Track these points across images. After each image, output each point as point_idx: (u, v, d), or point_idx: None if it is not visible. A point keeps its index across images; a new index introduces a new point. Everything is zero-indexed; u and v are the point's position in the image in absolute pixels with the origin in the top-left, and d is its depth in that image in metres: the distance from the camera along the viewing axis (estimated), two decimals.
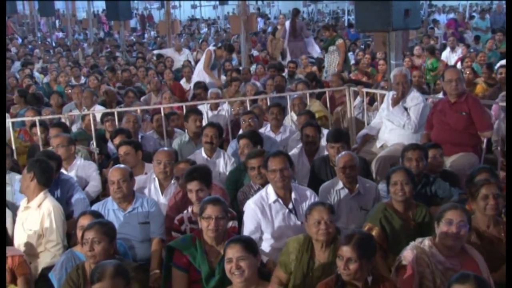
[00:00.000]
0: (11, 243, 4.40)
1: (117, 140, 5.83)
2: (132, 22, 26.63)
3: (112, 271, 3.09)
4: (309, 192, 4.37)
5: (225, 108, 7.77)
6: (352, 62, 12.29)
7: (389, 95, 6.15)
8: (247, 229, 4.22)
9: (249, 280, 3.25)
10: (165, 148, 5.29)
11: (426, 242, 3.52)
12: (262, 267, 3.75)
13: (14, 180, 5.12)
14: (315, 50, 12.85)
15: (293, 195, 4.28)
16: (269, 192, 4.27)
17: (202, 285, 3.64)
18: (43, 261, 4.31)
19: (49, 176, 4.53)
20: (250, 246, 3.31)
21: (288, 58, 12.04)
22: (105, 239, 3.56)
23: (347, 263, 3.18)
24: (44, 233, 4.33)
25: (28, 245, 4.30)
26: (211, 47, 10.08)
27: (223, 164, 5.69)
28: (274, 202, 4.24)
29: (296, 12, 12.87)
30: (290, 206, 4.25)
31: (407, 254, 3.47)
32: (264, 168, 4.35)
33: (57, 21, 27.90)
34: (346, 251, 3.20)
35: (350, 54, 13.78)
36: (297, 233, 3.91)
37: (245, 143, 5.36)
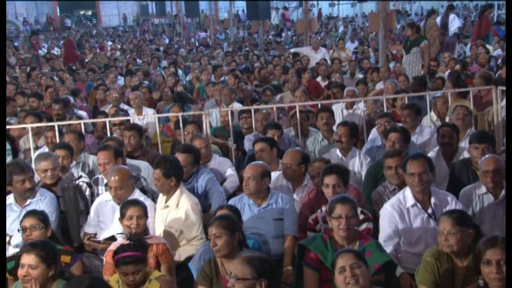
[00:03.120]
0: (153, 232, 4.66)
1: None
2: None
3: None
4: (450, 197, 4.16)
5: (360, 107, 7.64)
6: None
7: None
8: (385, 233, 4.11)
9: None
10: (293, 149, 5.29)
11: None
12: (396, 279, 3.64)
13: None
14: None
15: (432, 200, 4.10)
16: (407, 196, 4.13)
17: (333, 284, 3.61)
18: (185, 252, 4.49)
19: (181, 172, 4.73)
20: (362, 256, 3.23)
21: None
22: (226, 233, 3.64)
23: (499, 266, 2.96)
24: (184, 230, 4.54)
25: (169, 239, 4.50)
26: None
27: (358, 164, 5.60)
28: (412, 206, 4.10)
29: (450, 7, 12.38)
30: (430, 211, 4.08)
31: None
32: (403, 170, 4.21)
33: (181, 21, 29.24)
34: (495, 253, 2.99)
35: (498, 51, 12.92)
36: (435, 239, 3.74)
37: (397, 137, 5.22)
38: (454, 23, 13.20)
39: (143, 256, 3.61)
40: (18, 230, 4.16)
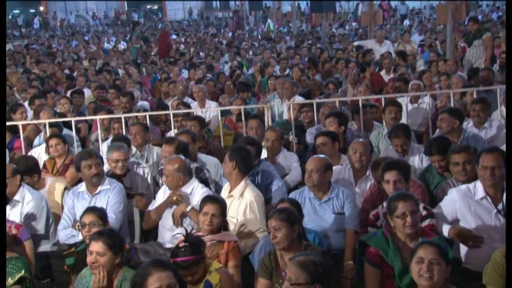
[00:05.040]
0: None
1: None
2: None
3: None
4: None
5: (425, 101, 7.46)
6: None
7: None
8: (441, 209, 4.09)
9: (437, 287, 3.08)
10: (360, 140, 5.27)
11: None
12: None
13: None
14: None
15: (505, 196, 3.95)
16: (478, 188, 4.01)
17: (395, 281, 3.56)
18: (248, 244, 4.52)
19: (249, 164, 4.77)
20: (446, 252, 3.15)
21: None
22: (285, 225, 3.64)
23: None
24: (247, 222, 4.57)
25: (231, 229, 4.55)
26: None
27: (418, 160, 5.46)
28: (482, 199, 3.98)
29: None
30: (500, 206, 3.94)
31: None
32: (475, 164, 4.08)
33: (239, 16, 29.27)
34: None
35: None
36: (503, 236, 3.61)
37: (437, 159, 4.96)
38: None
39: (198, 259, 3.62)
40: (78, 226, 4.31)
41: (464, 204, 4.00)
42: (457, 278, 3.48)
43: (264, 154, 5.63)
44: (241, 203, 4.60)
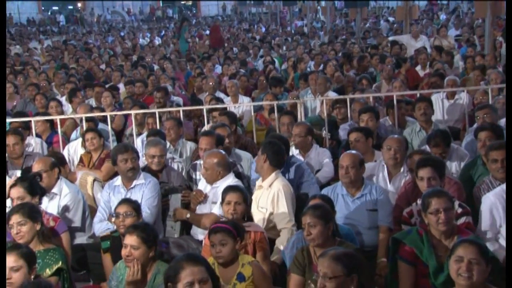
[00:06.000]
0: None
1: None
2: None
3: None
4: None
5: (462, 97, 7.31)
6: None
7: None
8: (484, 223, 3.97)
9: (476, 287, 3.03)
10: (395, 136, 5.20)
11: None
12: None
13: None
14: None
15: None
16: None
17: (430, 279, 3.51)
18: (282, 238, 4.52)
19: (280, 158, 4.78)
20: (486, 252, 3.08)
21: None
22: (320, 222, 3.64)
23: None
24: (275, 212, 4.57)
25: (261, 222, 4.57)
26: None
27: (456, 164, 5.30)
28: None
29: None
30: None
31: None
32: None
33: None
34: None
35: None
36: None
37: (487, 136, 4.95)
38: None
39: (233, 231, 3.70)
40: (112, 215, 4.38)
41: (501, 205, 3.91)
42: (495, 277, 3.41)
43: (296, 150, 5.62)
44: (270, 193, 4.62)
